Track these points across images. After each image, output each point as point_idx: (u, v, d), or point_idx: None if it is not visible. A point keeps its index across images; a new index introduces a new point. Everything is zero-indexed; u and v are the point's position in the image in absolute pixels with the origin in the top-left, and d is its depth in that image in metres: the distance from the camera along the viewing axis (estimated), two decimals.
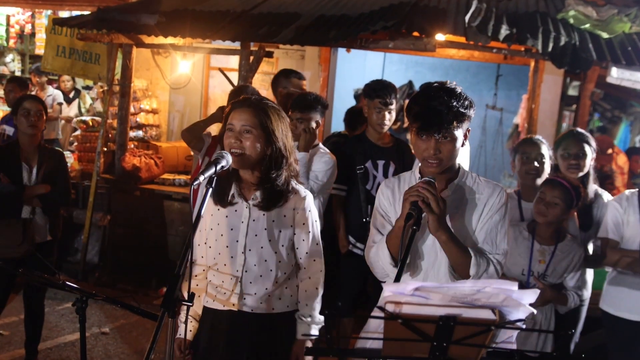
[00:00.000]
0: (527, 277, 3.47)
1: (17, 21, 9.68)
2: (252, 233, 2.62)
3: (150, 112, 8.22)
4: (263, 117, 2.55)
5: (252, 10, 6.16)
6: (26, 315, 4.54)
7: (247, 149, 2.53)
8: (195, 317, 2.78)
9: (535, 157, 3.86)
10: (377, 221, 2.49)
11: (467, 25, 5.23)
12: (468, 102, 2.28)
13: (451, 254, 2.25)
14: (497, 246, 2.32)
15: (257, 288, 2.64)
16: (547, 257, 3.48)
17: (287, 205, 2.63)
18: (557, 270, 3.48)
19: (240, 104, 2.61)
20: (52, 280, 2.68)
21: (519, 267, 3.49)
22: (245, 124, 2.53)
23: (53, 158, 4.44)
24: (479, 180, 2.40)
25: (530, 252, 3.49)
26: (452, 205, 2.34)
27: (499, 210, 2.33)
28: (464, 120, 2.27)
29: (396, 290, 1.69)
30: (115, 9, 6.43)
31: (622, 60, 5.04)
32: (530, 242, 3.51)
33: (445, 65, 10.44)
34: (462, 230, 2.33)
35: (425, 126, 2.25)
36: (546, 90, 6.65)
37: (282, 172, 2.60)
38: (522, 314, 1.72)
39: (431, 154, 2.26)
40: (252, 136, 2.53)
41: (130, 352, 4.98)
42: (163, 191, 6.71)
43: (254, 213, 2.62)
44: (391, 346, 1.81)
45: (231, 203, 2.65)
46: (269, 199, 2.60)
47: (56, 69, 7.67)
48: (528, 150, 3.90)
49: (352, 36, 5.43)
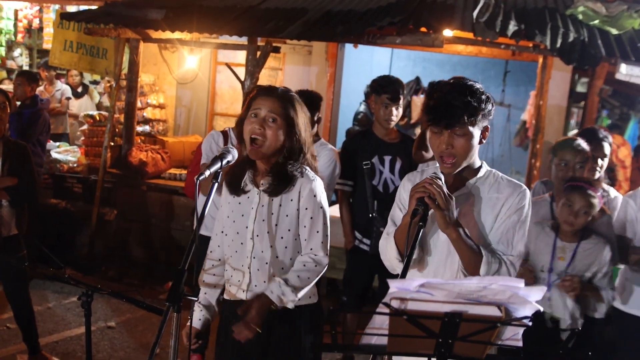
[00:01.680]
0: (548, 274, 3.40)
1: (25, 15, 9.70)
2: (260, 218, 2.61)
3: (157, 107, 8.23)
4: (289, 107, 2.55)
5: (259, 5, 6.15)
6: (12, 309, 4.53)
7: (269, 138, 2.52)
8: (209, 306, 2.78)
9: (574, 166, 3.62)
10: (395, 214, 2.46)
11: (475, 21, 5.21)
12: (485, 97, 2.24)
13: (462, 252, 2.21)
14: (513, 247, 2.26)
15: (265, 276, 2.62)
16: (568, 254, 3.41)
17: (294, 189, 2.60)
18: (577, 268, 3.38)
19: (267, 91, 2.60)
20: (58, 274, 2.69)
21: (539, 264, 3.42)
22: (271, 110, 2.52)
23: (18, 151, 4.36)
24: (501, 180, 2.34)
25: (552, 249, 3.41)
26: (469, 203, 2.30)
27: (517, 211, 2.27)
28: (479, 116, 2.22)
29: (402, 286, 1.68)
30: (123, 4, 6.44)
31: (631, 57, 5.01)
32: (552, 239, 3.43)
33: (453, 62, 10.39)
34: (478, 230, 2.29)
35: (437, 119, 2.22)
36: (554, 87, 6.61)
37: (297, 163, 2.59)
38: (528, 311, 1.71)
39: (443, 149, 2.22)
40: (276, 125, 2.52)
41: (136, 346, 5.00)
42: (169, 186, 6.72)
43: (264, 199, 2.61)
44: (396, 342, 1.80)
45: (244, 191, 2.65)
46: (278, 183, 2.58)
47: (64, 64, 7.69)
48: (567, 157, 3.62)
49: (359, 32, 5.42)
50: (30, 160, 4.45)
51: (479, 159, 2.37)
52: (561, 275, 3.38)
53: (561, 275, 3.38)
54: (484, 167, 2.37)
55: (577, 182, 3.46)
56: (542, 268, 3.42)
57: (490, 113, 2.27)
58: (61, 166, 7.18)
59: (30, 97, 6.41)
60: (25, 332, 4.52)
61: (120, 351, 4.90)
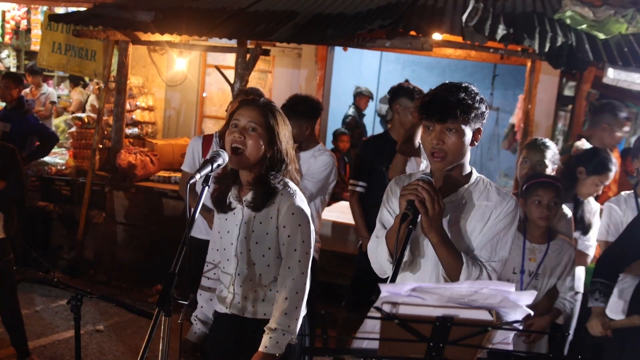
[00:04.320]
0: (521, 275, 3.46)
1: (13, 17, 9.64)
2: (242, 236, 2.61)
3: (146, 110, 8.19)
4: (270, 117, 2.55)
5: (248, 8, 6.15)
6: (0, 313, 4.50)
7: (249, 147, 2.51)
8: (205, 321, 2.81)
9: (535, 164, 3.78)
10: (383, 216, 2.46)
11: (464, 24, 5.23)
12: (479, 98, 2.26)
13: (442, 257, 2.22)
14: (496, 253, 2.28)
15: (248, 292, 2.63)
16: (538, 255, 3.48)
17: (273, 205, 2.59)
18: (547, 268, 3.48)
19: (249, 102, 2.61)
20: (47, 277, 2.67)
21: (510, 266, 3.47)
22: (251, 120, 2.53)
23: (4, 154, 4.35)
24: (491, 188, 2.35)
25: (522, 251, 3.48)
26: (458, 210, 2.31)
27: (504, 219, 2.29)
28: (471, 114, 2.23)
29: (393, 290, 1.68)
30: (112, 6, 6.41)
31: (618, 61, 5.05)
32: (521, 241, 3.49)
33: (442, 65, 10.44)
34: (464, 236, 2.30)
35: (429, 113, 2.24)
36: (542, 91, 6.66)
37: (279, 175, 2.58)
38: (519, 315, 1.72)
39: (434, 144, 2.24)
40: (256, 134, 2.52)
41: (125, 349, 4.97)
42: (158, 189, 6.69)
43: (246, 215, 2.61)
44: (387, 346, 1.80)
45: (230, 207, 2.65)
46: (261, 196, 2.56)
47: (52, 66, 7.64)
48: (530, 155, 3.80)
49: (349, 35, 5.43)
50: (17, 162, 4.43)
51: (469, 165, 2.38)
52: (533, 276, 3.45)
53: (533, 276, 3.45)
54: (474, 173, 2.38)
55: (539, 177, 3.54)
56: (514, 270, 3.47)
57: (483, 115, 2.28)
58: (49, 168, 7.14)
59: (17, 99, 6.37)
60: (14, 336, 4.49)
61: (108, 355, 4.88)
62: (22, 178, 4.54)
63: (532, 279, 3.47)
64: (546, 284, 3.51)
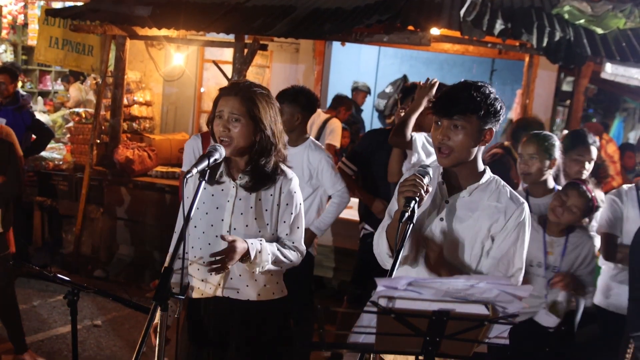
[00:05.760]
0: (544, 268, 3.41)
1: (10, 12, 9.60)
2: (238, 211, 2.59)
3: (143, 105, 8.17)
4: (250, 105, 2.52)
5: (246, 3, 6.13)
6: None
7: (236, 138, 2.51)
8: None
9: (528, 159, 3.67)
10: (393, 208, 2.46)
11: (462, 19, 5.22)
12: (493, 97, 2.25)
13: None
14: (514, 265, 2.29)
15: (241, 269, 2.58)
16: (557, 249, 3.43)
17: (274, 185, 2.62)
18: (567, 261, 3.42)
19: (228, 90, 2.57)
20: (44, 272, 2.67)
21: (532, 260, 3.41)
22: (233, 111, 2.52)
23: (1, 149, 4.34)
24: (503, 190, 2.35)
25: (543, 245, 3.44)
26: (468, 208, 2.32)
27: (516, 228, 2.29)
28: (481, 111, 2.22)
29: (389, 284, 1.68)
30: (109, 0, 6.39)
31: (616, 56, 5.05)
32: (541, 235, 3.45)
33: (440, 60, 10.42)
34: (472, 234, 2.31)
35: (439, 108, 2.27)
36: (540, 86, 6.66)
37: (270, 158, 2.59)
38: (515, 309, 1.72)
39: (440, 140, 2.25)
40: (240, 125, 2.51)
41: (122, 344, 4.98)
42: (156, 184, 6.68)
43: (241, 192, 2.60)
44: (384, 341, 1.81)
45: (218, 182, 2.63)
46: (257, 181, 2.58)
47: (49, 60, 7.62)
48: (523, 149, 3.69)
49: (346, 30, 5.42)
50: (15, 157, 4.42)
51: (482, 164, 2.37)
52: (552, 270, 3.40)
53: (552, 270, 3.40)
54: (487, 173, 2.38)
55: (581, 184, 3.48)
56: (535, 264, 3.43)
57: (496, 115, 2.26)
58: (46, 164, 7.12)
59: (12, 93, 6.35)
60: (11, 331, 4.48)
61: (106, 350, 4.88)
62: (20, 173, 4.53)
63: (547, 272, 3.41)
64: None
